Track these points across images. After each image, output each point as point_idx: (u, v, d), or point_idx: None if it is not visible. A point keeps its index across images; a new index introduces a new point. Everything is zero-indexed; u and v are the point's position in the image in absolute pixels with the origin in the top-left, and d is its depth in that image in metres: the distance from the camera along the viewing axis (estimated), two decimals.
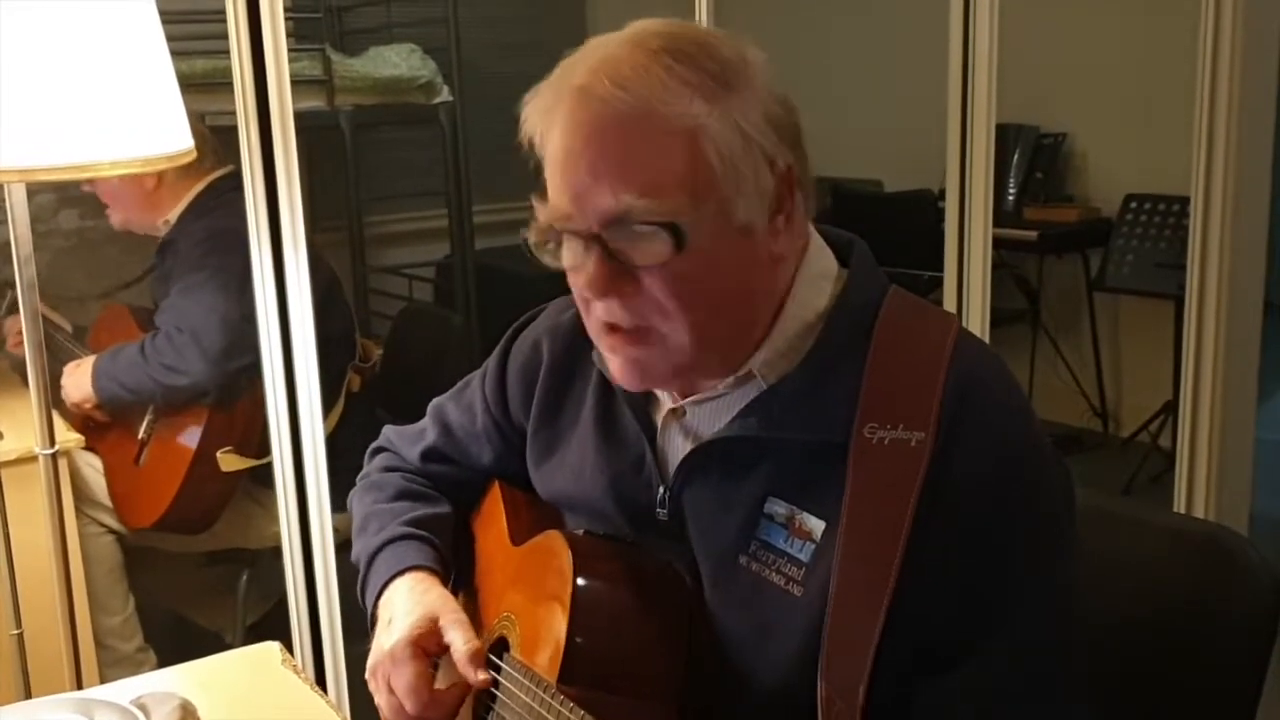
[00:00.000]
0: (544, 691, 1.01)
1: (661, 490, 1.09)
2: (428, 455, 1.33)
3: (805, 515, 0.99)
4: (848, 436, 0.97)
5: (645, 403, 1.12)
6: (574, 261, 0.98)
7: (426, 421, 1.36)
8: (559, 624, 1.01)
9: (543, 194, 0.99)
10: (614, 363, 1.04)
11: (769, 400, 1.02)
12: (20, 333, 2.39)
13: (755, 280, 1.00)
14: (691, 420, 1.09)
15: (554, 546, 1.09)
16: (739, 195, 0.95)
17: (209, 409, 2.51)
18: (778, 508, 1.01)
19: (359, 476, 1.38)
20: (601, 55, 0.96)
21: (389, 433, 1.40)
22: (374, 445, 1.41)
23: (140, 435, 2.57)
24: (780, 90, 1.00)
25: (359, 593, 1.26)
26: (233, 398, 2.51)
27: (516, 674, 1.08)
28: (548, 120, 0.97)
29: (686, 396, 1.09)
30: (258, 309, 2.01)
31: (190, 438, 2.53)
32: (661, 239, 0.93)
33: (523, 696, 1.05)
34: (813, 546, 0.98)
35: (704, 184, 0.94)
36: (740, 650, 1.02)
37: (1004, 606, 0.95)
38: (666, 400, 1.11)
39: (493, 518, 1.28)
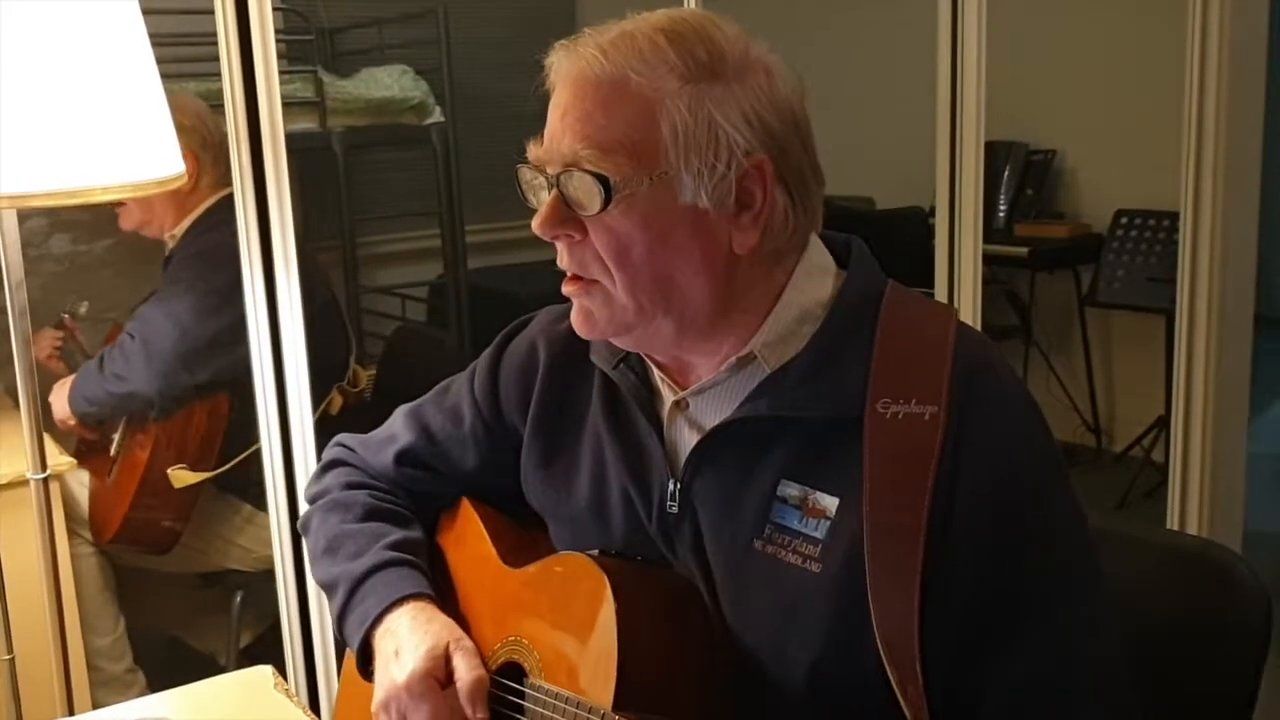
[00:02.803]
0: (597, 717, 1.00)
1: (672, 484, 1.10)
2: (402, 459, 1.30)
3: (819, 494, 1.02)
4: (861, 412, 1.00)
5: (650, 399, 1.14)
6: (539, 202, 1.05)
7: (397, 426, 1.32)
8: (603, 648, 1.01)
9: (539, 137, 1.06)
10: (572, 311, 1.09)
11: (779, 381, 1.05)
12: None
13: (714, 264, 1.03)
14: (694, 411, 1.10)
15: (580, 569, 1.08)
16: (686, 173, 1.00)
17: (155, 424, 2.45)
18: (791, 490, 1.03)
19: (315, 493, 1.34)
20: (615, 30, 1.03)
21: (349, 442, 1.36)
22: (328, 458, 1.36)
23: (112, 451, 2.53)
24: (792, 104, 1.04)
25: (336, 617, 1.23)
26: (173, 413, 2.43)
27: (549, 698, 1.07)
28: (554, 72, 1.05)
29: (685, 389, 1.10)
30: (249, 330, 2.01)
31: (145, 453, 2.47)
32: (596, 190, 0.99)
33: None
34: (828, 523, 1.01)
35: (648, 152, 0.99)
36: (764, 634, 1.03)
37: (1036, 558, 0.99)
38: (669, 394, 1.12)
39: (471, 537, 1.26)
